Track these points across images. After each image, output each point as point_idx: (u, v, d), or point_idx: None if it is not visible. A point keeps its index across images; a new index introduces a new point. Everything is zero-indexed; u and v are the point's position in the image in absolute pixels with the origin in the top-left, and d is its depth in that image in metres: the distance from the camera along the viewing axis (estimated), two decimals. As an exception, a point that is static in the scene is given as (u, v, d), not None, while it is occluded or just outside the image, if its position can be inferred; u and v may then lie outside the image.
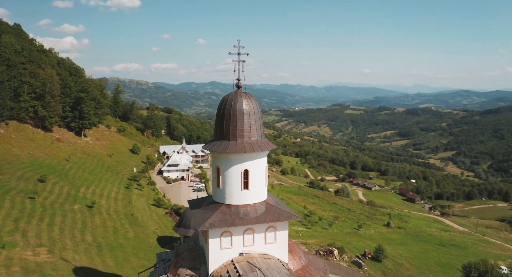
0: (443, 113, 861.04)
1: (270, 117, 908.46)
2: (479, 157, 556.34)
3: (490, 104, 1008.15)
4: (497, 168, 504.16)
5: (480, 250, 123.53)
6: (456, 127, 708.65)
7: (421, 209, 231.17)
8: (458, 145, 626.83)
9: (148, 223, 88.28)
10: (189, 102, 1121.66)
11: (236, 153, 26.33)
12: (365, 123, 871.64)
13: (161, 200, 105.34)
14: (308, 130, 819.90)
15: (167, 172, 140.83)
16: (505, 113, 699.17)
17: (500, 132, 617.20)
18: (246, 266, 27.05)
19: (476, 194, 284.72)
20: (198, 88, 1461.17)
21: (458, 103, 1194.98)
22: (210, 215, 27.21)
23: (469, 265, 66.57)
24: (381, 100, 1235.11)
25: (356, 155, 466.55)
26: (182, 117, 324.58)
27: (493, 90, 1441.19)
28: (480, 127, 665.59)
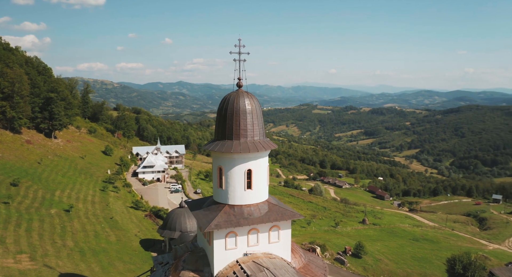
0: (407, 112, 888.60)
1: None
2: (442, 155, 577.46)
3: (451, 103, 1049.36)
4: (458, 164, 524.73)
5: (452, 244, 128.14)
6: (419, 126, 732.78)
7: (390, 205, 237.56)
8: (421, 143, 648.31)
9: (129, 226, 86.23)
10: (156, 102, 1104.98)
11: (240, 152, 26.13)
12: (332, 122, 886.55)
13: (139, 202, 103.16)
14: (276, 130, 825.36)
15: (142, 174, 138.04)
16: (465, 113, 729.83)
17: (460, 131, 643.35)
18: (253, 266, 26.89)
19: (441, 190, 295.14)
20: (165, 88, 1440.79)
21: (421, 103, 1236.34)
22: (214, 216, 26.86)
23: (453, 258, 68.96)
24: (347, 100, 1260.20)
25: (325, 153, 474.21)
26: (152, 117, 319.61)
27: (453, 90, 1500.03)
28: (442, 126, 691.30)
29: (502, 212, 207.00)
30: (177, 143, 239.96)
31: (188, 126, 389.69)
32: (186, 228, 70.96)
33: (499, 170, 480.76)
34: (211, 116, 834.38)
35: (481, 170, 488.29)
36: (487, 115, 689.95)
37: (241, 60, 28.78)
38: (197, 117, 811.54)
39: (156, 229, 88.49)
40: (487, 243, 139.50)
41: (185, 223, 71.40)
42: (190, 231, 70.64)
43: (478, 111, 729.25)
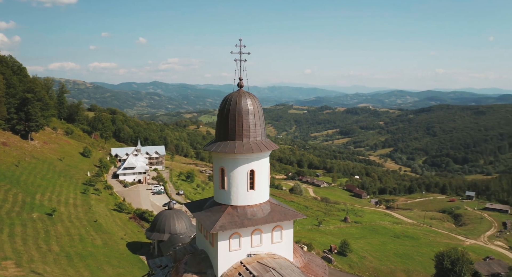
0: (380, 112, 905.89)
1: (215, 117, 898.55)
2: (415, 153, 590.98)
3: (423, 103, 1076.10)
4: (431, 163, 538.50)
5: (431, 240, 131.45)
6: (393, 126, 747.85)
7: (368, 203, 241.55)
8: (395, 142, 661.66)
9: (114, 229, 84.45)
10: (130, 103, 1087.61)
11: (244, 153, 25.99)
12: (308, 122, 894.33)
13: (122, 204, 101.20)
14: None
15: (123, 175, 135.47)
16: (436, 112, 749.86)
17: (432, 130, 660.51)
18: (258, 267, 26.80)
19: (416, 188, 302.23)
20: (140, 88, 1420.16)
21: (393, 102, 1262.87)
22: (217, 217, 26.63)
23: (442, 254, 70.70)
24: (322, 100, 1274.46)
25: (302, 153, 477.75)
26: (127, 118, 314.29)
27: (425, 90, 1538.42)
28: (414, 125, 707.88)
29: (475, 208, 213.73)
30: (154, 143, 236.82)
31: (164, 127, 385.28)
32: (175, 230, 70.16)
33: (470, 167, 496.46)
34: (187, 116, 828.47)
35: (453, 168, 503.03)
36: (457, 114, 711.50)
37: (242, 60, 28.58)
38: (172, 118, 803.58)
39: (141, 232, 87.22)
40: (464, 238, 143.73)
41: (174, 225, 70.60)
42: (180, 233, 69.85)
43: (449, 110, 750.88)
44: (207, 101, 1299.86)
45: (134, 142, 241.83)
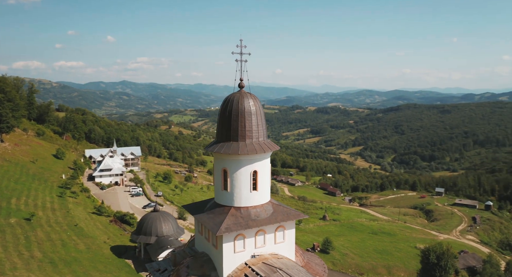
0: (350, 111, 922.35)
1: (186, 118, 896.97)
2: (384, 151, 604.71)
3: (390, 102, 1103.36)
4: (399, 160, 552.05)
5: (408, 235, 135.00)
6: (362, 124, 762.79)
7: (342, 201, 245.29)
8: (364, 141, 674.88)
9: (95, 233, 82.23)
10: (98, 102, 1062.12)
11: (248, 154, 25.95)
12: (280, 122, 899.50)
13: (102, 207, 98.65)
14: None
15: (99, 177, 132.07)
16: (404, 111, 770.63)
17: (400, 128, 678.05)
18: (264, 268, 26.83)
19: (387, 185, 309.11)
20: (108, 88, 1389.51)
21: (362, 102, 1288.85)
22: (221, 219, 26.50)
23: (427, 249, 72.61)
24: (293, 100, 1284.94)
25: (275, 152, 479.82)
26: (98, 118, 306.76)
27: (392, 90, 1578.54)
28: (383, 124, 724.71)
29: (445, 204, 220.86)
30: (126, 144, 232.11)
31: (136, 127, 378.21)
32: (162, 232, 69.18)
33: (437, 164, 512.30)
34: (157, 116, 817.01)
35: (420, 165, 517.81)
36: (424, 113, 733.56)
37: (242, 61, 28.46)
38: (142, 118, 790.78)
39: (124, 235, 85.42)
40: (438, 233, 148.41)
41: (161, 227, 69.59)
42: (167, 236, 68.89)
43: (416, 109, 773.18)
44: (177, 101, 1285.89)
45: (105, 143, 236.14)
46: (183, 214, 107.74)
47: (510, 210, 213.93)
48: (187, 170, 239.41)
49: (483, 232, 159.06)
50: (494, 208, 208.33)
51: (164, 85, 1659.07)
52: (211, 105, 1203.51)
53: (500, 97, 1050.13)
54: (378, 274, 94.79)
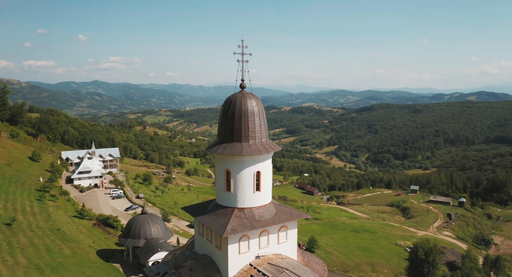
0: (325, 111, 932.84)
1: (161, 118, 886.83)
2: (358, 150, 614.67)
3: (364, 102, 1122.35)
4: (373, 159, 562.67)
5: (388, 233, 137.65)
6: (337, 124, 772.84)
7: (320, 200, 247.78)
8: (339, 140, 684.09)
9: (79, 237, 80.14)
10: (69, 103, 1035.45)
11: (252, 154, 25.99)
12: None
13: (84, 211, 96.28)
14: (200, 130, 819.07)
15: (78, 180, 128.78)
16: (377, 111, 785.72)
17: (374, 128, 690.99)
18: (270, 268, 26.93)
19: (363, 184, 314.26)
20: (79, 88, 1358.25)
21: (336, 102, 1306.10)
22: (226, 221, 26.48)
23: (416, 245, 74.24)
24: (268, 100, 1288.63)
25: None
26: (71, 119, 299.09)
27: (365, 90, 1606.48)
28: (357, 123, 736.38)
29: (420, 201, 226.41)
30: (102, 146, 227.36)
31: (110, 128, 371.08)
32: (151, 235, 68.18)
33: (409, 162, 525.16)
34: (131, 117, 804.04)
35: (394, 163, 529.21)
36: (396, 113, 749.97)
37: (244, 61, 28.43)
38: (116, 119, 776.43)
39: (109, 239, 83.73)
40: (416, 230, 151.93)
41: (149, 230, 68.56)
42: (156, 238, 67.92)
43: (388, 109, 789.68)
44: (151, 101, 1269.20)
45: (79, 144, 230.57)
46: (167, 216, 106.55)
47: (482, 206, 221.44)
48: (165, 171, 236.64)
49: (458, 228, 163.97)
50: (467, 205, 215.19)
51: (137, 85, 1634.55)
52: (186, 106, 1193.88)
53: (468, 97, 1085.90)
54: (362, 271, 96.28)
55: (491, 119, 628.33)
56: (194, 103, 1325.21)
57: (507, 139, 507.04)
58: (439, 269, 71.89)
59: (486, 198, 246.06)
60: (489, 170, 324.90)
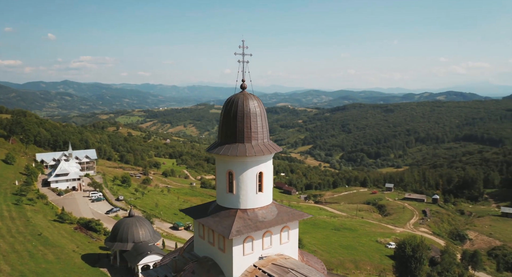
0: (299, 111, 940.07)
1: (134, 118, 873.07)
2: (332, 149, 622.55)
3: (337, 102, 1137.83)
4: (347, 158, 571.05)
5: (368, 230, 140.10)
6: (311, 124, 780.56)
7: (298, 199, 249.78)
8: (313, 139, 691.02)
9: (62, 241, 78.02)
10: (38, 103, 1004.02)
11: (255, 155, 25.95)
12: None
13: (64, 214, 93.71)
14: (174, 131, 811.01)
15: (55, 183, 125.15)
16: (350, 110, 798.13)
17: (347, 127, 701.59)
18: (275, 269, 27.02)
19: (339, 182, 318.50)
20: (49, 88, 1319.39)
21: (310, 101, 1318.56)
22: (230, 222, 26.39)
23: (403, 242, 75.72)
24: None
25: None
26: (42, 120, 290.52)
27: (338, 90, 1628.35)
28: (330, 123, 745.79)
29: (396, 199, 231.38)
30: (75, 147, 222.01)
31: (83, 129, 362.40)
32: (139, 238, 67.05)
33: (382, 161, 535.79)
34: (103, 117, 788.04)
35: (367, 162, 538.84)
36: (369, 112, 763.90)
37: (244, 62, 28.34)
38: (87, 119, 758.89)
39: (93, 243, 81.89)
40: (394, 227, 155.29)
41: (137, 233, 67.40)
42: (145, 241, 66.81)
43: (361, 109, 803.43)
44: (124, 101, 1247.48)
45: (52, 146, 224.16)
46: (149, 218, 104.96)
47: (454, 203, 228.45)
48: (142, 173, 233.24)
49: (434, 224, 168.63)
50: (441, 201, 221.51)
51: (109, 85, 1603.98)
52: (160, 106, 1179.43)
53: (437, 96, 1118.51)
54: (346, 269, 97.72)
55: (460, 118, 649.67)
56: (167, 103, 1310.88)
57: (475, 137, 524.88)
58: (425, 265, 73.78)
59: (457, 195, 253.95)
60: (459, 167, 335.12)
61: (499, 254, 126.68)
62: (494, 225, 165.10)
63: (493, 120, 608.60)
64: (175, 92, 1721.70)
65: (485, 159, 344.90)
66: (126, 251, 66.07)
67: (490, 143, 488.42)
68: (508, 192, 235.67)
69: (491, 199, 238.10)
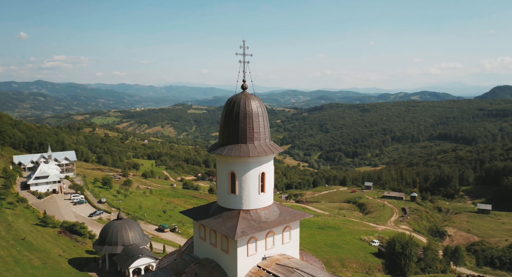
0: (277, 111, 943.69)
1: (110, 119, 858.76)
2: (311, 149, 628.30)
3: (314, 102, 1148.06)
4: (325, 157, 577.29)
5: (351, 228, 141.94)
6: (289, 124, 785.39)
7: (279, 199, 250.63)
8: (292, 139, 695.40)
9: (47, 246, 76.10)
10: (10, 104, 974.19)
11: (259, 155, 26.02)
12: (208, 122, 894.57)
13: (47, 218, 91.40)
14: (152, 131, 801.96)
15: (35, 186, 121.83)
16: (328, 110, 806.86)
17: (325, 127, 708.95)
18: (280, 269, 27.15)
19: (319, 181, 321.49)
20: (21, 88, 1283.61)
21: (288, 101, 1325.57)
22: (234, 223, 26.41)
23: (393, 239, 77.02)
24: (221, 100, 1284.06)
25: (207, 153, 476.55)
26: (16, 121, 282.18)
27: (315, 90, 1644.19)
28: (308, 123, 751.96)
29: (375, 197, 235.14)
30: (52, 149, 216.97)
31: (59, 131, 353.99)
32: (129, 241, 66.07)
33: (360, 160, 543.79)
34: (78, 118, 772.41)
35: (345, 161, 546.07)
36: (346, 112, 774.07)
37: (245, 62, 28.34)
38: (62, 120, 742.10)
39: (78, 246, 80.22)
40: (375, 225, 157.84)
41: (127, 235, 66.41)
42: (135, 244, 65.88)
43: (338, 109, 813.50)
44: (99, 102, 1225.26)
45: (27, 148, 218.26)
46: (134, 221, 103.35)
47: (431, 200, 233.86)
48: (121, 174, 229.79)
49: (413, 222, 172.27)
50: (419, 199, 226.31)
51: (84, 85, 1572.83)
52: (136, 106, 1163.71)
53: (412, 96, 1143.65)
54: (333, 267, 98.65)
55: (434, 117, 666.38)
56: (144, 103, 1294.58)
57: (449, 136, 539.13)
58: (414, 261, 75.36)
59: (434, 192, 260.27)
60: (435, 165, 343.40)
61: (478, 249, 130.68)
62: (471, 221, 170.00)
63: (466, 119, 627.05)
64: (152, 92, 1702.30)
65: (459, 157, 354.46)
66: (115, 254, 64.99)
67: (463, 141, 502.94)
68: (483, 189, 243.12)
69: (467, 196, 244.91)
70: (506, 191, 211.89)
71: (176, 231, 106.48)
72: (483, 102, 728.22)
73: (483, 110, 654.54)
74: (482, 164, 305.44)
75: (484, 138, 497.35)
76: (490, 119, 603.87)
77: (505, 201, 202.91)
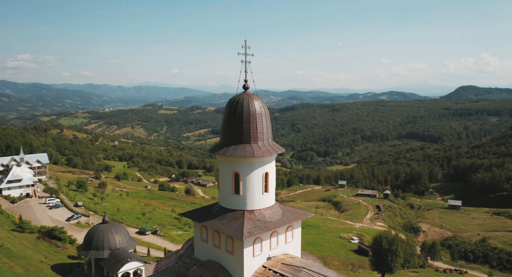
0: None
1: (78, 120, 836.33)
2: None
3: (285, 102, 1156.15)
4: (298, 157, 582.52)
5: (330, 226, 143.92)
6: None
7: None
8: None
9: (27, 252, 73.46)
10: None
11: (263, 156, 26.01)
12: (179, 122, 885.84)
13: (24, 223, 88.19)
14: (121, 132, 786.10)
15: (7, 190, 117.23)
16: (299, 110, 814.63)
17: (296, 126, 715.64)
18: (287, 268, 27.42)
19: (293, 181, 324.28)
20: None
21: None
22: (239, 224, 26.36)
23: (380, 236, 78.57)
24: (191, 100, 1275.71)
25: (180, 154, 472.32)
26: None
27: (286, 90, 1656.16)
28: (280, 122, 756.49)
29: (350, 195, 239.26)
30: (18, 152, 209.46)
31: (25, 132, 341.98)
32: (115, 245, 64.66)
33: (331, 159, 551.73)
34: (44, 119, 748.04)
35: (317, 160, 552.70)
36: (317, 112, 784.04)
37: (247, 62, 28.38)
38: (27, 121, 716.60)
39: (59, 252, 77.89)
40: (353, 223, 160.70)
41: (113, 239, 64.99)
42: (122, 248, 64.53)
43: (310, 109, 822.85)
44: (66, 102, 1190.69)
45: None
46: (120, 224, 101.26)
47: (403, 197, 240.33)
48: (94, 177, 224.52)
49: (388, 218, 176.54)
50: (391, 196, 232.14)
51: (50, 85, 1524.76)
52: (105, 107, 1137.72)
53: (380, 96, 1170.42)
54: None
55: (402, 117, 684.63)
56: (113, 104, 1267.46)
57: (416, 135, 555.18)
58: (400, 257, 77.33)
59: (405, 189, 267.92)
60: (404, 163, 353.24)
61: (452, 244, 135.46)
62: (443, 217, 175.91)
63: (432, 118, 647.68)
64: (120, 92, 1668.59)
65: (427, 155, 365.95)
66: (102, 259, 63.48)
67: (430, 139, 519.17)
68: (451, 186, 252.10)
69: (436, 193, 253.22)
70: (474, 187, 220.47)
71: (158, 234, 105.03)
72: (448, 102, 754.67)
73: (449, 109, 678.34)
74: (449, 161, 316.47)
75: (450, 136, 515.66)
76: (455, 118, 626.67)
77: (473, 197, 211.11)
